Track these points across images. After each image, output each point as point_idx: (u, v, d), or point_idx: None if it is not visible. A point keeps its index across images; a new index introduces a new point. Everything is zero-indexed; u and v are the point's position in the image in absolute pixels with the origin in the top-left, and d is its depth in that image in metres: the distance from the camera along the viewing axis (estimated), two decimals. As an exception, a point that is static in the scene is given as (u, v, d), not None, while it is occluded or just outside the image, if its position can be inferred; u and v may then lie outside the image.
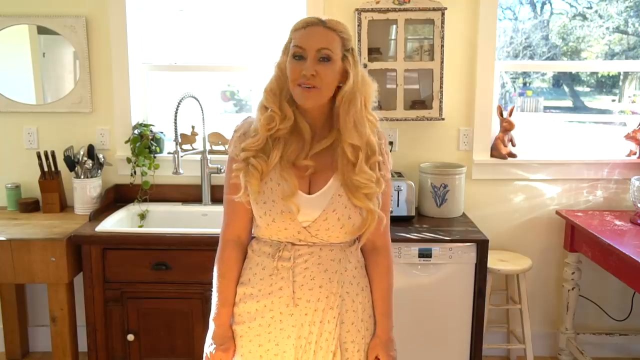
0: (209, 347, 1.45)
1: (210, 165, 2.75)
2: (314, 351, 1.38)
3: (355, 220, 1.36)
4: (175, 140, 2.50)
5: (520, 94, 3.14)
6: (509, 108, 2.80)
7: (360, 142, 1.33)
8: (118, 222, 2.55)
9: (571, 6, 3.02)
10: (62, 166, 2.73)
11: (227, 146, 2.79)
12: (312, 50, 1.30)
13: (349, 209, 1.35)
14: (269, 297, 1.39)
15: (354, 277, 1.42)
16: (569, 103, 3.20)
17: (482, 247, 2.33)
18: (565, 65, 3.03)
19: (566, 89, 3.21)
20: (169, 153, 2.78)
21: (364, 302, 1.44)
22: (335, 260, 1.39)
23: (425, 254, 2.34)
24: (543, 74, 3.14)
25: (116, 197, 2.81)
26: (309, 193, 1.36)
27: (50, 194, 2.70)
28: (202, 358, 1.48)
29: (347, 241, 1.41)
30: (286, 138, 1.37)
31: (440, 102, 2.68)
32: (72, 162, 2.69)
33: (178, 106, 2.50)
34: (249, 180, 1.35)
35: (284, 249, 1.38)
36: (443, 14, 2.62)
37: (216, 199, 2.78)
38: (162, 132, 2.88)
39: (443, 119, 2.71)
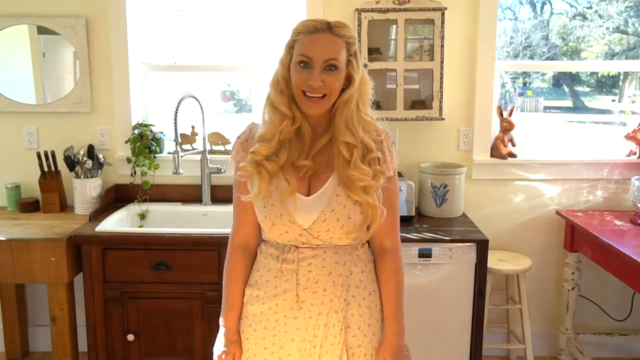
0: (217, 349, 1.46)
1: (210, 165, 2.75)
2: (319, 355, 1.37)
3: (356, 219, 1.35)
4: (175, 140, 2.50)
5: (520, 94, 3.14)
6: (509, 108, 2.80)
7: (354, 141, 1.33)
8: (118, 222, 2.55)
9: (571, 6, 3.02)
10: (62, 166, 2.73)
11: (225, 146, 2.81)
12: (319, 60, 1.28)
13: (348, 209, 1.34)
14: (274, 299, 1.39)
15: (360, 280, 1.40)
16: (569, 103, 3.21)
17: (482, 247, 2.33)
18: (565, 65, 3.03)
19: (566, 89, 3.21)
20: (169, 153, 2.78)
21: (371, 307, 1.42)
22: (340, 263, 1.38)
23: (425, 254, 2.34)
24: (543, 74, 3.14)
25: (116, 197, 2.81)
26: (308, 194, 1.36)
27: (50, 194, 2.70)
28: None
29: (352, 244, 1.40)
30: (290, 139, 1.36)
31: (440, 102, 2.68)
32: (72, 162, 2.69)
33: (178, 106, 2.50)
34: (260, 182, 1.34)
35: (288, 251, 1.38)
36: (443, 14, 2.61)
37: (216, 199, 2.78)
38: (162, 132, 2.88)
39: (443, 119, 2.71)
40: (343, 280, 1.38)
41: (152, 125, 2.83)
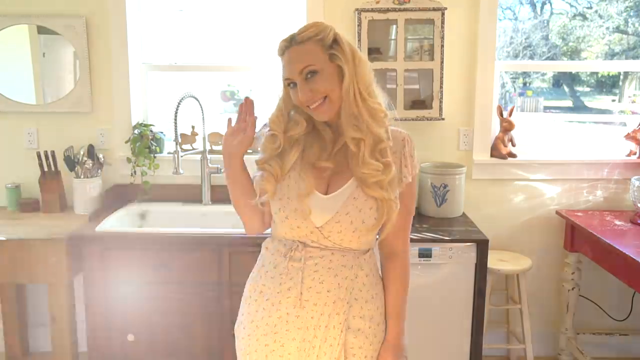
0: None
1: (210, 165, 2.75)
2: (317, 355, 1.37)
3: (369, 224, 1.35)
4: (175, 140, 2.51)
5: (520, 94, 3.14)
6: (509, 108, 2.80)
7: (360, 134, 1.32)
8: (118, 222, 2.55)
9: (571, 6, 3.02)
10: (62, 166, 2.73)
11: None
12: (295, 75, 1.31)
13: (364, 213, 1.34)
14: (277, 296, 1.39)
15: (364, 284, 1.40)
16: (569, 103, 3.21)
17: (482, 247, 2.34)
18: (565, 65, 3.03)
19: (566, 89, 3.21)
20: (169, 153, 2.78)
21: (372, 309, 1.42)
22: (347, 267, 1.38)
23: (425, 254, 2.34)
24: (543, 74, 3.14)
25: (116, 197, 2.81)
26: (327, 194, 1.37)
27: (50, 194, 2.70)
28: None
29: (361, 249, 1.40)
30: (306, 139, 1.39)
31: (440, 102, 2.68)
32: (72, 162, 2.69)
33: (178, 106, 2.50)
34: (265, 185, 1.38)
35: (295, 249, 1.38)
36: (443, 14, 2.61)
37: (216, 199, 2.78)
38: (162, 132, 2.88)
39: (443, 119, 2.71)
40: (348, 283, 1.38)
41: (152, 125, 2.83)
